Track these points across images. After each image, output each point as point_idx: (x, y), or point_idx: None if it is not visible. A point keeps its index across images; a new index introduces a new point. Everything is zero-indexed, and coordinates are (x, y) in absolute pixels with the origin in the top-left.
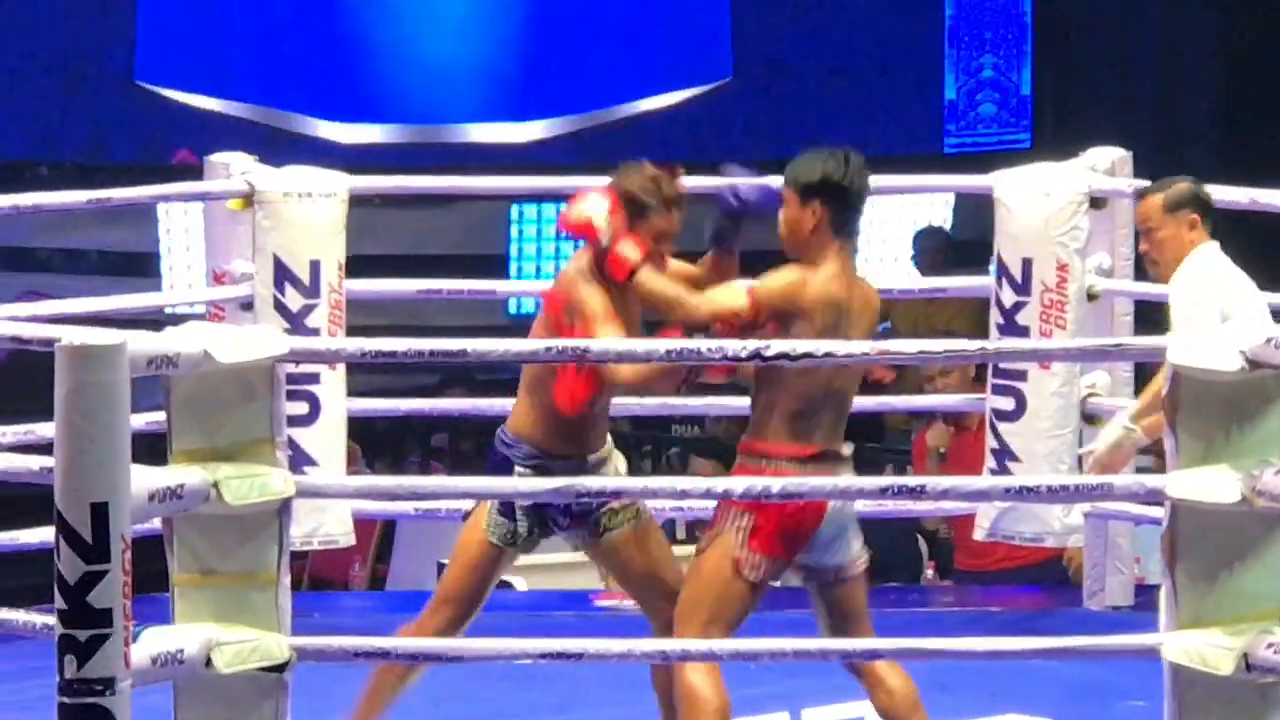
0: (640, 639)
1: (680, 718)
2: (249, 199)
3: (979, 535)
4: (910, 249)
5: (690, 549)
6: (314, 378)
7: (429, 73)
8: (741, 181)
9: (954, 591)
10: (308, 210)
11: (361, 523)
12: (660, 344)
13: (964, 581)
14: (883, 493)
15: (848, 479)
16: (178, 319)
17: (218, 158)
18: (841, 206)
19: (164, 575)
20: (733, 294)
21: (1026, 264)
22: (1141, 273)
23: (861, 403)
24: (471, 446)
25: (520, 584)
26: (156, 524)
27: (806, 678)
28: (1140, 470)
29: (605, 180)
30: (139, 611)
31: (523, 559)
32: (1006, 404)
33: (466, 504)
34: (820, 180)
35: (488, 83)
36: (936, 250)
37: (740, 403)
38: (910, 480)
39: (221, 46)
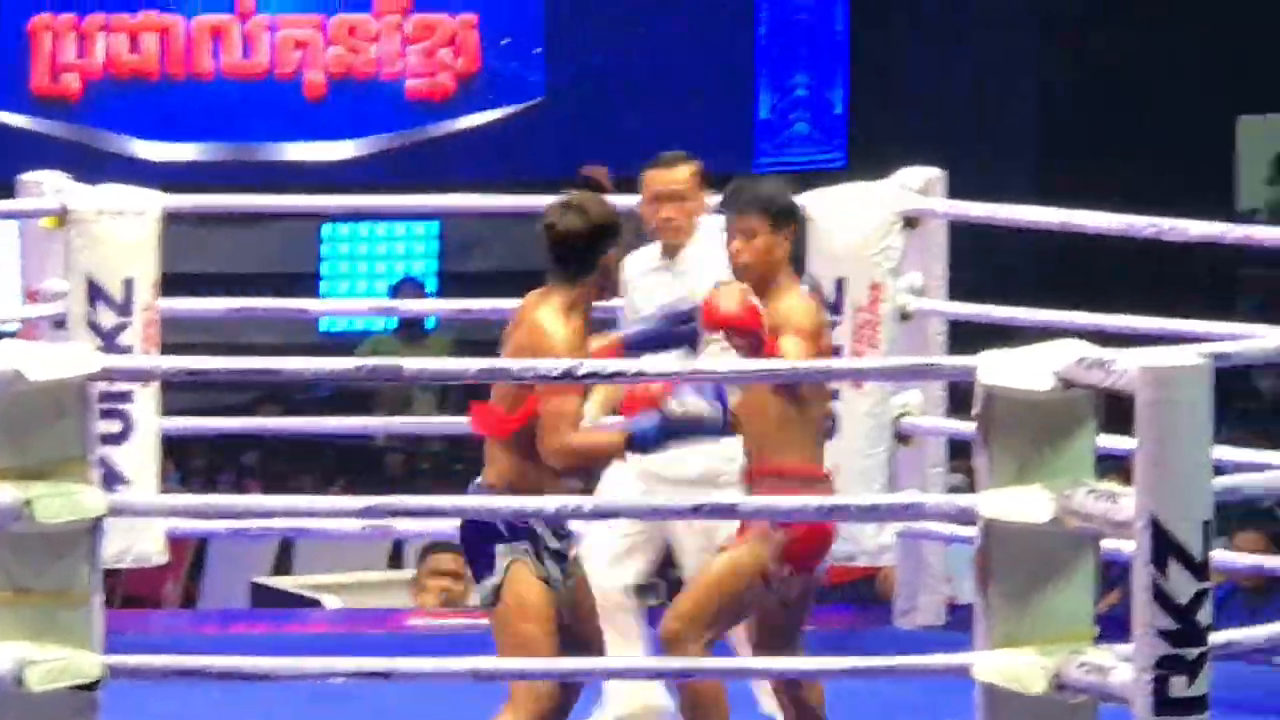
0: (452, 658)
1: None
2: (62, 218)
3: None
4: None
5: None
6: (127, 396)
7: (242, 92)
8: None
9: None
10: (121, 228)
11: (175, 541)
12: (473, 364)
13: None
14: (694, 512)
15: (662, 499)
16: None
17: (30, 176)
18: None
19: None
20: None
21: (840, 283)
22: (956, 293)
23: None
24: (284, 466)
25: (332, 601)
26: None
27: None
28: (953, 490)
29: (418, 199)
30: None
31: (334, 577)
32: None
33: (279, 523)
34: (791, 207)
35: (300, 102)
36: None
37: None
38: (722, 500)
39: (35, 64)
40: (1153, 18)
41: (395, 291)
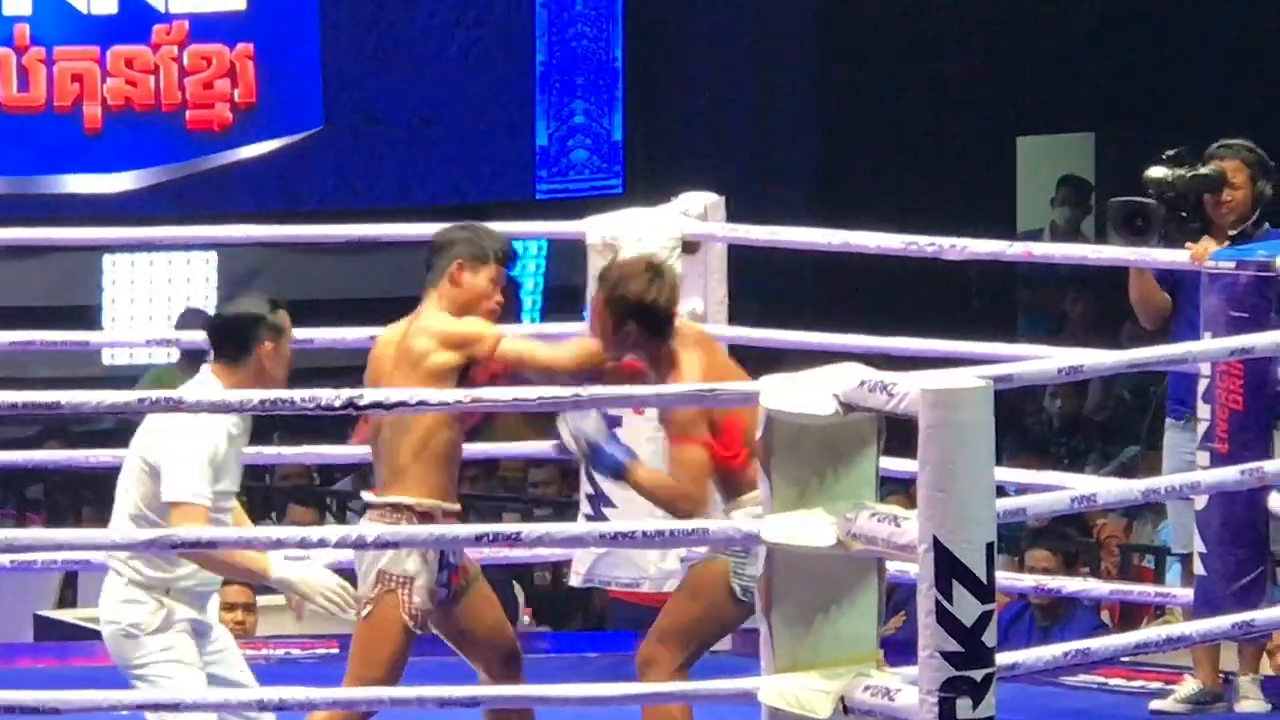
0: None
1: None
2: None
3: (575, 581)
4: None
5: None
6: None
7: (20, 124)
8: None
9: (550, 639)
10: None
11: None
12: (254, 394)
13: (624, 617)
14: (478, 540)
15: (446, 527)
16: None
17: None
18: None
19: None
20: None
21: None
22: (734, 317)
23: (471, 450)
24: (67, 499)
25: None
26: None
27: None
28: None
29: (197, 230)
30: None
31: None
32: None
33: (61, 555)
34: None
35: (79, 134)
36: None
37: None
38: (506, 527)
39: None
40: (931, 39)
41: (180, 323)
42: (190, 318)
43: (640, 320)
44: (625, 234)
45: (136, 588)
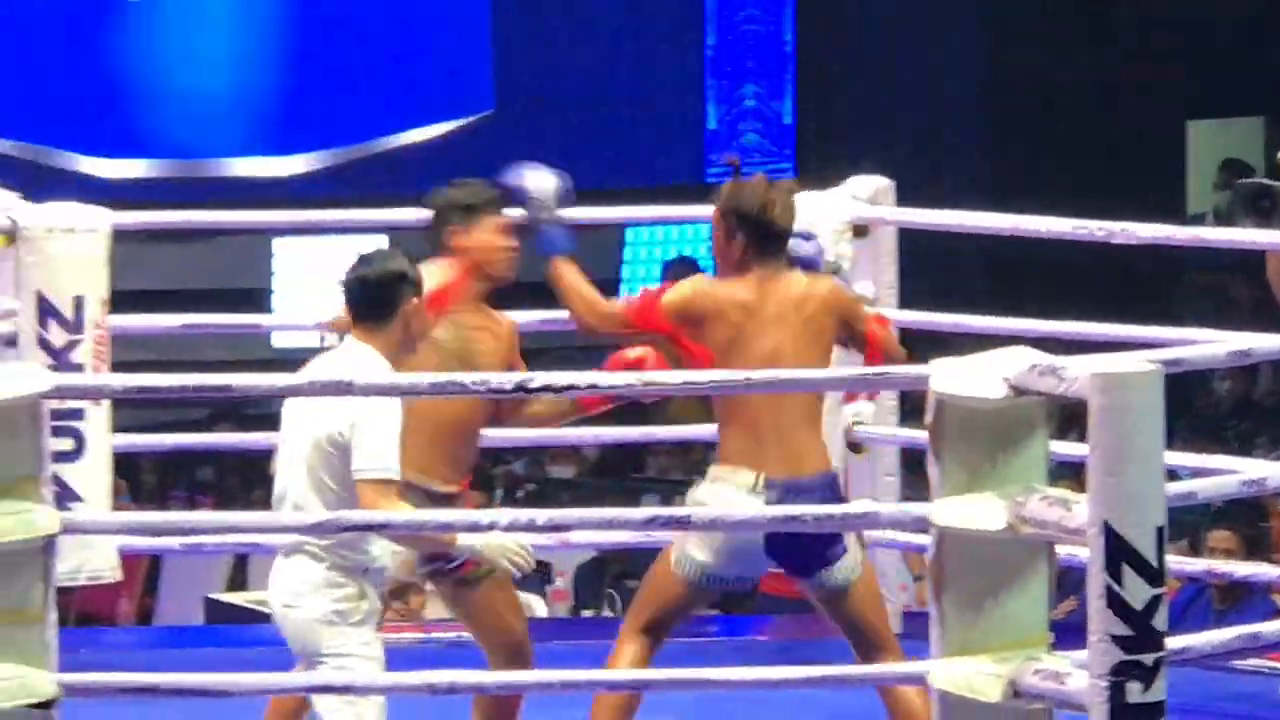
0: (409, 672)
1: None
2: (11, 235)
3: None
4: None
5: None
6: (79, 413)
7: (191, 107)
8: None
9: (722, 621)
10: (70, 246)
11: (128, 558)
12: (427, 377)
13: (767, 607)
14: (648, 523)
15: (615, 510)
16: None
17: None
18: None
19: None
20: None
21: None
22: (906, 301)
23: (626, 433)
24: (237, 481)
25: None
26: None
27: None
28: (907, 498)
29: (370, 213)
30: None
31: None
32: None
33: (234, 538)
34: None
35: (249, 116)
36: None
37: None
38: (675, 511)
39: None
40: (1101, 22)
41: None
42: None
43: (752, 233)
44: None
45: (337, 571)
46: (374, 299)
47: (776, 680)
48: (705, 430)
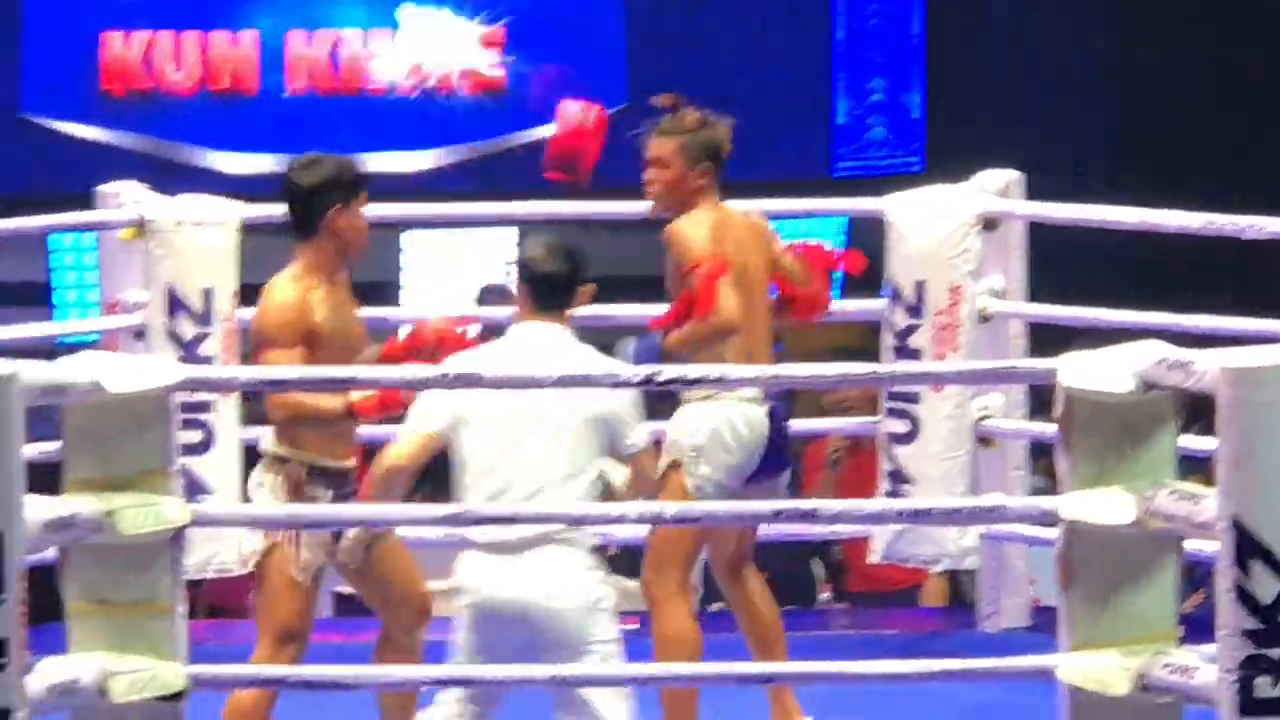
0: (534, 665)
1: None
2: (141, 228)
3: (874, 558)
4: None
5: None
6: (207, 406)
7: (328, 106)
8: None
9: (849, 615)
10: (200, 239)
11: None
12: (558, 368)
13: (857, 604)
14: (775, 516)
15: (742, 503)
16: (71, 349)
17: (109, 187)
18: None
19: (59, 605)
20: None
21: (919, 286)
22: (1036, 294)
23: None
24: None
25: None
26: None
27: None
28: (1035, 492)
29: (497, 207)
30: (35, 641)
31: None
32: (900, 427)
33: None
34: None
35: (383, 114)
36: None
37: None
38: (803, 504)
39: (108, 78)
40: (1228, 14)
41: (480, 299)
42: (490, 294)
43: (714, 165)
44: (923, 212)
45: (594, 556)
46: (560, 286)
47: (904, 674)
48: None
